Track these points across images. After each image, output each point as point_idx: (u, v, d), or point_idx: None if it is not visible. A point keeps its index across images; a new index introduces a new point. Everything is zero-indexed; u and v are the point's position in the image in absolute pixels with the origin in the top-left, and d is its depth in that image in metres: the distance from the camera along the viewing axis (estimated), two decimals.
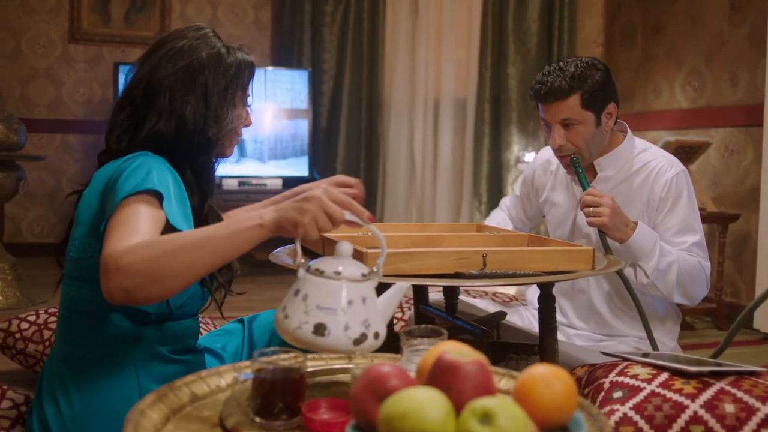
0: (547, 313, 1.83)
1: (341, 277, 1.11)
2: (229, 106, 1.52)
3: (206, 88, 1.49)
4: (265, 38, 5.87)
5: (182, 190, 1.43)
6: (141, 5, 5.72)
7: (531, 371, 0.92)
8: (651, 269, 1.99)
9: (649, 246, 1.99)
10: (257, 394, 1.08)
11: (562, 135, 2.05)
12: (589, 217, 1.97)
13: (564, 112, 2.03)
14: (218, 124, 1.50)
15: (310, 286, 1.11)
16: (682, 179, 2.10)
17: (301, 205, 1.17)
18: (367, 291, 1.13)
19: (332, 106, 5.56)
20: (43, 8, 5.47)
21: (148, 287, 1.18)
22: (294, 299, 1.12)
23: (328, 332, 1.09)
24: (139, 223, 1.26)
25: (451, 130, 5.63)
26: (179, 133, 1.48)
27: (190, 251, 1.19)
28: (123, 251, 1.18)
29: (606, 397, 1.47)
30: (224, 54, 1.51)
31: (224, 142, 1.55)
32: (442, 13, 5.56)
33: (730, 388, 1.44)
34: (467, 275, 1.54)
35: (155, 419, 1.07)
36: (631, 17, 5.11)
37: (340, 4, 5.54)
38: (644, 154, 2.16)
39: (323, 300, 1.10)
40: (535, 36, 5.55)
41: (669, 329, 2.20)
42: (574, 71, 2.01)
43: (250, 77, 1.57)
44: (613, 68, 5.28)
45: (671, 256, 2.00)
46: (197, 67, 1.48)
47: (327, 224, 1.17)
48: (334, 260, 1.13)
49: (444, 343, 1.03)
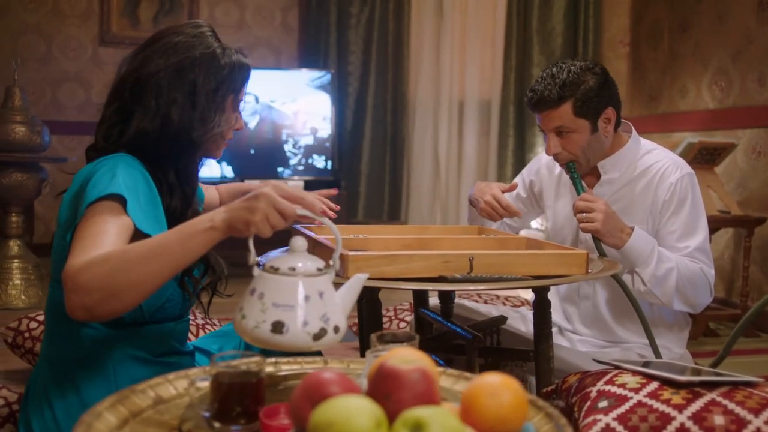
0: (542, 319, 1.79)
1: (296, 273, 1.09)
2: (218, 110, 1.48)
3: (195, 88, 1.45)
4: (292, 40, 5.89)
5: (153, 192, 1.41)
6: (169, 8, 5.78)
7: (479, 380, 0.89)
8: (648, 276, 1.93)
9: (646, 252, 1.93)
10: (215, 399, 1.07)
11: (557, 143, 2.01)
12: (582, 223, 1.92)
13: (556, 120, 1.99)
14: (204, 127, 1.46)
15: (266, 284, 1.09)
16: (687, 182, 2.04)
17: (251, 204, 1.15)
18: (324, 285, 1.11)
19: (357, 107, 5.56)
20: (74, 12, 5.56)
21: (108, 302, 1.18)
22: (250, 299, 1.10)
23: (286, 329, 1.07)
24: (101, 234, 1.25)
25: (475, 132, 5.59)
26: (163, 132, 1.44)
27: (144, 262, 1.18)
28: (79, 268, 1.17)
29: (591, 407, 1.42)
30: (219, 54, 1.47)
31: (210, 145, 1.52)
32: (467, 14, 5.52)
33: (721, 399, 1.38)
34: (450, 279, 1.51)
35: (112, 422, 1.06)
36: (657, 16, 5.01)
37: (365, 6, 5.53)
38: (649, 156, 2.10)
39: (279, 297, 1.08)
40: (560, 36, 5.47)
41: (676, 336, 2.13)
42: (565, 78, 1.96)
43: (243, 81, 1.52)
44: (640, 68, 5.22)
45: (670, 263, 1.94)
46: (188, 65, 1.45)
47: (279, 221, 1.15)
48: (288, 256, 1.11)
49: (399, 349, 1.00)
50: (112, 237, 1.26)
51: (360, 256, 1.50)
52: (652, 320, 2.07)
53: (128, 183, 1.34)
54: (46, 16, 5.47)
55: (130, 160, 1.42)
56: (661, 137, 4.54)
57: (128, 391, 1.15)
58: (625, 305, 2.09)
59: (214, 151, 1.56)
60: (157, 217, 1.40)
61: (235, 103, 1.53)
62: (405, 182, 5.65)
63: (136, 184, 1.36)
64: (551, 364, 1.79)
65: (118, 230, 1.28)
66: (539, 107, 2.00)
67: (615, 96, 2.04)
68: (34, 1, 5.47)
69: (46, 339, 1.51)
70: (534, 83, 2.03)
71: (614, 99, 2.03)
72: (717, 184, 3.73)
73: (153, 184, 1.43)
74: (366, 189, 5.57)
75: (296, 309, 1.08)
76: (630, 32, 5.48)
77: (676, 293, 1.94)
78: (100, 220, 1.28)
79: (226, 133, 1.54)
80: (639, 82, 5.23)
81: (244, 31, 5.84)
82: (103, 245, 1.24)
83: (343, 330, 1.13)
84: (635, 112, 5.21)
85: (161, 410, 1.15)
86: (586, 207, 1.92)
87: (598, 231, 1.90)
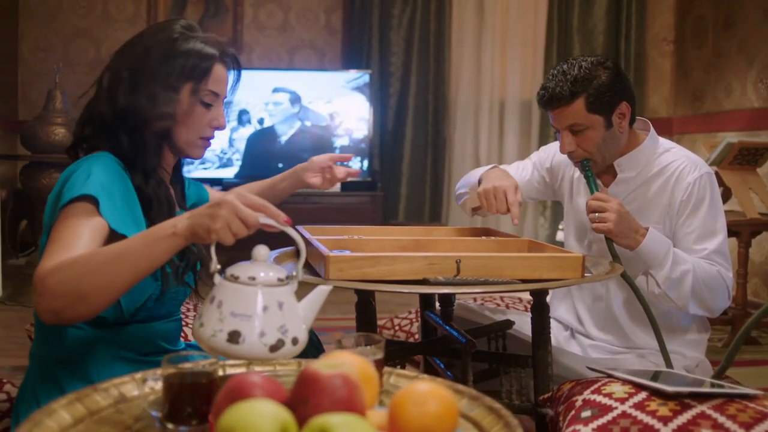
0: (540, 324, 1.74)
1: (256, 282, 1.08)
2: (168, 89, 1.45)
3: (143, 68, 1.45)
4: (336, 41, 5.91)
5: (130, 190, 1.42)
6: (214, 12, 5.87)
7: (408, 387, 0.86)
8: (662, 278, 1.86)
9: (661, 254, 1.86)
10: (166, 399, 1.07)
11: (572, 141, 1.95)
12: (594, 223, 1.86)
13: (569, 118, 1.92)
14: (150, 101, 1.44)
15: (225, 292, 1.08)
16: (706, 182, 1.96)
17: (213, 211, 1.14)
18: (285, 296, 1.09)
19: (398, 108, 5.55)
20: (122, 17, 5.70)
21: (74, 306, 1.19)
22: (209, 307, 1.09)
23: (242, 339, 1.07)
24: (72, 237, 1.27)
25: (516, 133, 5.51)
26: (114, 110, 1.45)
27: (109, 267, 1.19)
28: (47, 272, 1.19)
29: (574, 416, 1.37)
30: (176, 39, 1.47)
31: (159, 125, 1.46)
32: (508, 14, 5.45)
33: (712, 411, 1.32)
34: (432, 282, 1.47)
35: (65, 420, 1.07)
36: (702, 12, 4.84)
37: (407, 6, 5.52)
38: (667, 155, 2.02)
39: (237, 306, 1.07)
40: (601, 35, 5.35)
41: (693, 341, 2.05)
42: (576, 74, 1.89)
43: (203, 70, 1.48)
44: (684, 67, 5.06)
45: (686, 265, 1.86)
46: (142, 50, 1.46)
47: (241, 229, 1.14)
48: (250, 265, 1.10)
49: (338, 354, 0.98)
50: (83, 239, 1.27)
51: (341, 257, 1.48)
52: (668, 325, 2.00)
53: (104, 182, 1.35)
54: (95, 21, 5.62)
55: (108, 159, 1.43)
56: (706, 137, 4.39)
57: (90, 389, 1.15)
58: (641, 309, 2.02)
59: (187, 149, 1.53)
60: (134, 216, 1.41)
61: (196, 94, 1.48)
62: (446, 183, 5.61)
63: (112, 183, 1.37)
64: (549, 371, 1.74)
65: (90, 233, 1.29)
66: (551, 105, 1.95)
67: (629, 90, 1.97)
68: (85, 7, 5.63)
69: (35, 338, 1.53)
70: (545, 81, 1.98)
71: (628, 93, 1.96)
72: (759, 185, 3.58)
73: (129, 182, 1.44)
74: (407, 191, 5.56)
75: (253, 319, 1.06)
76: (674, 29, 5.32)
77: (691, 296, 1.87)
78: (73, 222, 1.29)
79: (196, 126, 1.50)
80: (683, 80, 5.08)
81: (288, 32, 5.89)
82: (74, 248, 1.25)
83: (302, 342, 1.11)
84: (679, 112, 5.06)
85: (121, 409, 1.15)
86: (599, 207, 1.86)
87: (611, 231, 1.84)
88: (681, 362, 1.99)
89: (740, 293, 3.54)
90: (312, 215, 4.73)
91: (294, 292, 1.12)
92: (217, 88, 1.52)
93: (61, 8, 5.59)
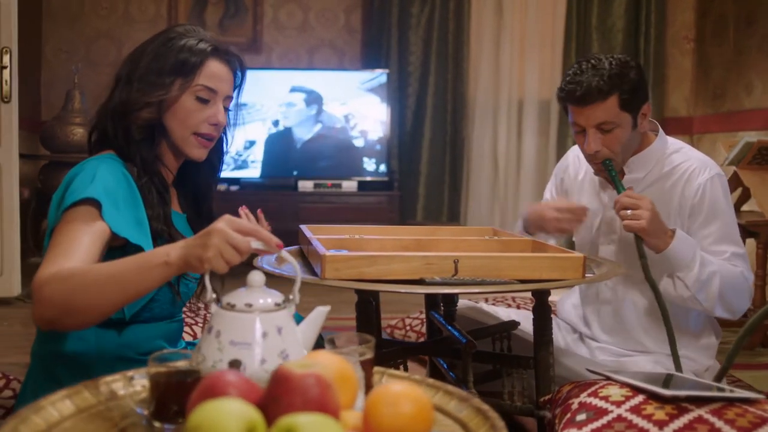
0: (541, 325, 1.72)
1: (253, 309, 1.06)
2: (157, 81, 1.48)
3: (138, 64, 1.50)
4: (355, 41, 5.92)
5: (134, 192, 1.44)
6: (234, 12, 5.90)
7: (382, 388, 0.86)
8: (692, 281, 1.82)
9: (689, 255, 1.82)
10: (152, 397, 1.07)
11: (599, 140, 1.88)
12: (627, 221, 1.80)
13: (602, 115, 1.85)
14: (140, 93, 1.48)
15: (223, 321, 1.07)
16: (717, 183, 1.92)
17: (204, 240, 1.14)
18: (283, 320, 1.08)
19: (417, 108, 5.54)
20: (143, 18, 5.75)
21: (63, 319, 1.24)
22: (208, 337, 1.08)
23: (243, 368, 1.05)
24: (72, 243, 1.30)
25: (535, 132, 5.48)
26: (112, 102, 1.50)
27: (101, 287, 1.22)
28: (44, 281, 1.23)
29: (570, 419, 1.36)
30: (172, 38, 1.52)
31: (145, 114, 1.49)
32: (527, 12, 5.42)
33: (709, 416, 1.29)
34: (428, 282, 1.47)
35: (53, 416, 1.08)
36: (723, 10, 4.76)
37: (425, 6, 5.51)
38: (676, 155, 1.99)
39: (236, 335, 1.05)
40: (620, 33, 5.29)
41: (704, 346, 2.02)
42: (610, 70, 1.83)
43: (193, 64, 1.50)
44: (705, 65, 4.99)
45: (713, 266, 1.84)
46: (141, 49, 1.53)
47: (233, 256, 1.12)
48: (245, 292, 1.08)
49: (317, 353, 0.97)
50: (83, 246, 1.30)
51: (338, 257, 1.47)
52: (678, 329, 1.97)
53: (107, 185, 1.38)
54: (117, 22, 5.68)
55: (112, 160, 1.46)
56: (726, 137, 4.32)
57: (81, 386, 1.16)
58: (649, 311, 1.99)
59: (182, 145, 1.54)
60: (137, 217, 1.42)
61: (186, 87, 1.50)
62: (465, 183, 5.59)
63: (116, 184, 1.40)
64: (551, 372, 1.72)
65: (90, 239, 1.32)
66: (584, 101, 1.85)
67: (648, 91, 1.96)
68: (106, 8, 5.69)
69: (37, 336, 1.55)
70: (570, 77, 1.89)
71: (648, 94, 1.95)
72: None
73: (134, 184, 1.45)
74: (425, 190, 5.54)
75: (253, 347, 1.05)
76: (695, 28, 5.25)
77: (719, 298, 1.85)
78: (74, 228, 1.32)
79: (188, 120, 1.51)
80: (703, 79, 5.00)
81: (307, 32, 5.91)
82: (73, 255, 1.28)
83: None
84: (699, 110, 4.98)
85: (111, 407, 1.16)
86: (632, 204, 1.80)
87: (644, 230, 1.79)
88: (691, 366, 1.96)
89: (759, 295, 3.47)
90: (328, 215, 4.74)
91: (292, 315, 1.11)
92: (213, 84, 1.52)
93: (83, 10, 5.66)
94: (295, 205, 4.81)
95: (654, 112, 5.29)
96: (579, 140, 1.95)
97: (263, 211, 1.72)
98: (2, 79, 3.64)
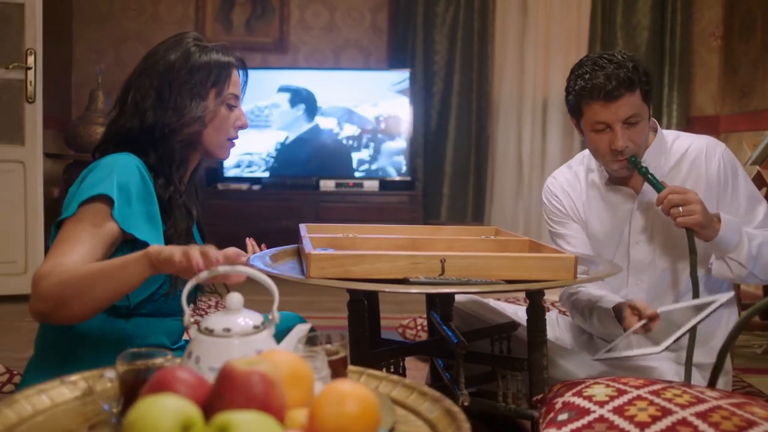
0: (534, 326, 1.70)
1: (231, 333, 1.04)
2: (195, 98, 1.56)
3: (169, 84, 1.56)
4: (381, 41, 5.92)
5: (149, 188, 1.49)
6: (261, 13, 5.95)
7: (329, 386, 0.85)
8: (745, 258, 1.84)
9: (737, 236, 1.85)
10: (121, 393, 1.08)
11: (625, 135, 1.85)
12: (681, 218, 1.78)
13: (629, 108, 1.83)
14: (178, 113, 1.55)
15: (201, 347, 1.05)
16: (730, 154, 2.00)
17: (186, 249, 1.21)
18: (262, 342, 1.06)
19: (441, 107, 5.52)
20: (172, 19, 5.83)
21: (57, 312, 1.33)
22: (187, 362, 1.06)
23: None
24: (74, 244, 1.37)
25: (559, 132, 5.42)
26: (142, 125, 1.55)
27: (89, 280, 1.31)
28: (41, 276, 1.32)
29: (552, 419, 1.34)
30: (194, 53, 1.59)
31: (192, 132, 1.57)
32: (551, 10, 5.37)
33: (693, 418, 1.26)
34: (412, 281, 1.46)
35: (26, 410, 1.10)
36: (750, 5, 4.65)
37: (450, 5, 5.49)
38: (679, 141, 2.03)
39: (215, 360, 1.02)
40: (645, 30, 5.20)
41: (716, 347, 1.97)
42: (629, 62, 1.83)
43: (224, 76, 1.61)
44: (732, 63, 4.86)
45: (758, 238, 1.87)
46: (164, 66, 1.57)
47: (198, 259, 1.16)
48: (223, 316, 1.07)
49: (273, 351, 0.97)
50: (84, 248, 1.38)
51: (323, 255, 1.48)
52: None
53: (121, 182, 1.44)
54: (146, 23, 5.76)
55: (130, 158, 1.51)
56: (754, 136, 4.21)
57: (58, 381, 1.18)
58: None
59: (217, 151, 1.64)
60: (150, 215, 1.48)
61: (220, 97, 1.60)
62: (489, 183, 5.55)
63: (129, 180, 1.46)
64: (544, 374, 1.70)
65: (96, 240, 1.40)
66: (615, 93, 1.81)
67: None
68: (135, 9, 5.78)
69: (40, 329, 1.58)
70: (590, 74, 1.84)
71: None
72: None
73: (149, 180, 1.51)
74: (450, 190, 5.52)
75: None
76: (723, 24, 5.13)
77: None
78: (82, 227, 1.39)
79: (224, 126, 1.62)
80: (730, 77, 4.88)
81: (333, 33, 5.93)
82: (72, 256, 1.35)
83: None
84: (726, 109, 4.87)
85: (87, 402, 1.17)
86: (682, 200, 1.78)
87: (700, 223, 1.78)
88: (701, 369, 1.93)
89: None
90: (350, 214, 4.75)
91: (272, 335, 1.10)
92: (236, 90, 1.65)
93: (112, 12, 5.75)
94: (316, 205, 4.83)
95: (679, 112, 5.19)
96: (599, 140, 1.90)
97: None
98: (27, 80, 3.72)
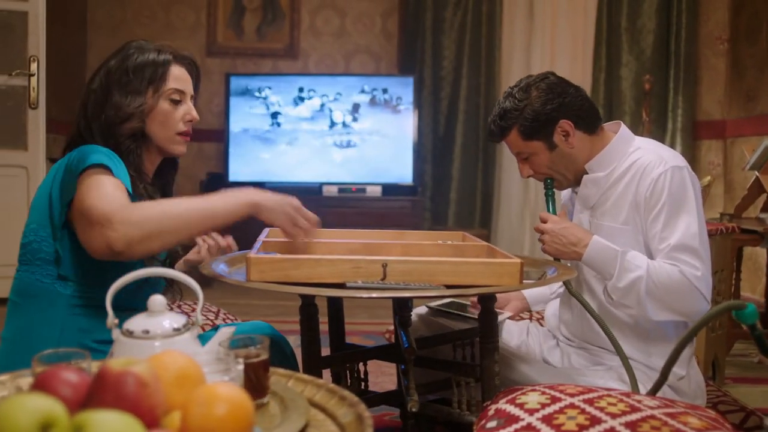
0: (486, 332, 1.69)
1: (150, 335, 1.05)
2: (130, 94, 1.64)
3: (109, 85, 1.65)
4: (392, 47, 5.94)
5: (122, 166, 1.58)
6: (272, 19, 6.00)
7: (200, 388, 0.86)
8: (611, 288, 1.83)
9: (606, 263, 1.82)
10: None
11: (527, 167, 2.00)
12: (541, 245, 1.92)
13: (512, 147, 2.00)
14: (116, 109, 1.63)
15: (122, 349, 1.06)
16: (669, 176, 1.84)
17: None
18: (185, 345, 1.06)
19: (449, 112, 5.52)
20: (184, 25, 5.91)
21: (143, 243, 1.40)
22: None
23: None
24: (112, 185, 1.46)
25: None
26: (88, 123, 1.65)
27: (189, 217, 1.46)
28: (122, 205, 1.41)
29: (482, 426, 1.33)
30: (131, 55, 1.67)
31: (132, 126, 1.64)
32: (558, 15, 5.35)
33: (622, 428, 1.24)
34: (348, 286, 1.46)
35: None
36: (756, 8, 4.57)
37: (458, 10, 5.49)
38: (638, 152, 1.94)
39: None
40: (650, 34, 5.14)
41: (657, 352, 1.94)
42: (506, 106, 1.94)
43: (161, 73, 1.68)
44: (738, 66, 4.79)
45: (637, 271, 1.78)
46: (105, 71, 1.67)
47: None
48: (144, 318, 1.08)
49: (166, 352, 0.98)
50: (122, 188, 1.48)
51: (263, 259, 1.48)
52: (646, 337, 1.91)
53: (105, 154, 1.53)
54: (158, 30, 5.84)
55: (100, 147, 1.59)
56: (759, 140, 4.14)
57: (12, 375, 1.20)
58: (613, 318, 1.94)
59: (167, 146, 1.71)
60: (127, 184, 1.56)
61: (157, 93, 1.67)
62: (496, 188, 5.53)
63: (108, 156, 1.54)
64: (495, 381, 1.68)
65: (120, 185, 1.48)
66: (491, 140, 2.06)
67: (567, 105, 1.92)
68: (148, 17, 5.87)
69: (8, 323, 1.61)
70: None
71: (566, 109, 1.91)
72: None
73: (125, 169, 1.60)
74: (457, 195, 5.51)
75: None
76: (729, 27, 5.05)
77: (649, 303, 1.78)
78: (104, 178, 1.47)
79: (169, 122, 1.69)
80: (737, 81, 4.80)
81: (344, 38, 5.96)
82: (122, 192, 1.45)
83: None
84: (733, 113, 4.79)
85: None
86: (539, 229, 1.93)
87: (547, 252, 1.91)
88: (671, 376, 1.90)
89: None
90: (352, 219, 4.76)
91: (195, 337, 1.11)
92: (180, 86, 1.71)
93: (126, 19, 5.85)
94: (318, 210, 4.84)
95: (685, 116, 5.11)
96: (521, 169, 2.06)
97: None
98: (30, 87, 3.79)
